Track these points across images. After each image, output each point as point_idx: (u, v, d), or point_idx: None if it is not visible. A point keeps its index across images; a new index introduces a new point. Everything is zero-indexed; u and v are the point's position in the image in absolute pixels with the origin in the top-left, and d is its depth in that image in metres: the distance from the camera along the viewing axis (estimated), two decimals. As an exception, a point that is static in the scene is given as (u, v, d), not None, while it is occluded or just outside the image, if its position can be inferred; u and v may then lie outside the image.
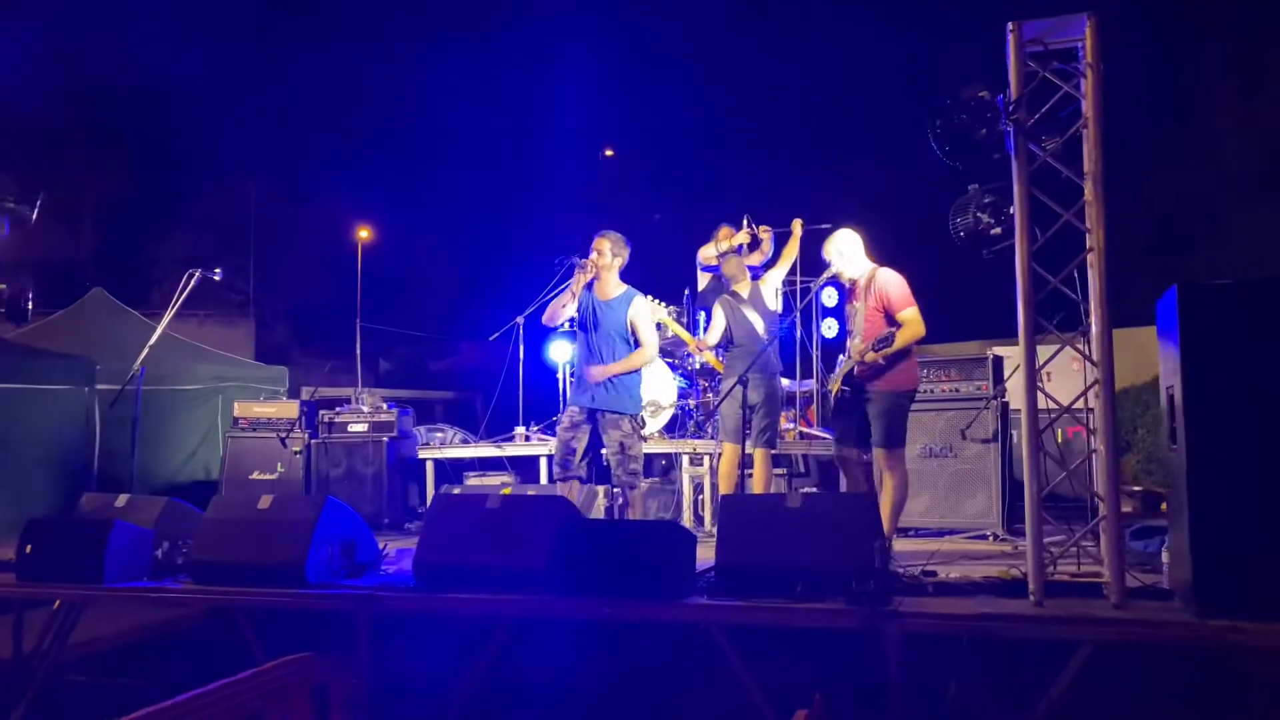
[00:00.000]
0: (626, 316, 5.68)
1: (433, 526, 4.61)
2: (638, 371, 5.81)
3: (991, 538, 6.36)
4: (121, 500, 5.45)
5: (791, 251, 7.00)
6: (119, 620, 5.41)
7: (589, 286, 5.74)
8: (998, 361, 6.59)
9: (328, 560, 4.69)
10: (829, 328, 8.91)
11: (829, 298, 8.87)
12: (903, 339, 5.35)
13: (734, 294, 6.65)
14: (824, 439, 7.37)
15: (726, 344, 6.70)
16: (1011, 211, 4.05)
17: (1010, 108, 3.90)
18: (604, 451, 5.69)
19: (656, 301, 7.28)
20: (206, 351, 11.29)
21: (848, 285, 5.76)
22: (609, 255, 5.69)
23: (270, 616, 4.59)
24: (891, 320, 5.38)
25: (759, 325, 6.55)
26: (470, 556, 4.44)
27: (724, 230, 7.69)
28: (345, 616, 4.42)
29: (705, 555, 4.49)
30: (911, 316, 5.41)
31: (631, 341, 5.70)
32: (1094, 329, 3.99)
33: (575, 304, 5.73)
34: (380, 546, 5.10)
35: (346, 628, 4.40)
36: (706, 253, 7.72)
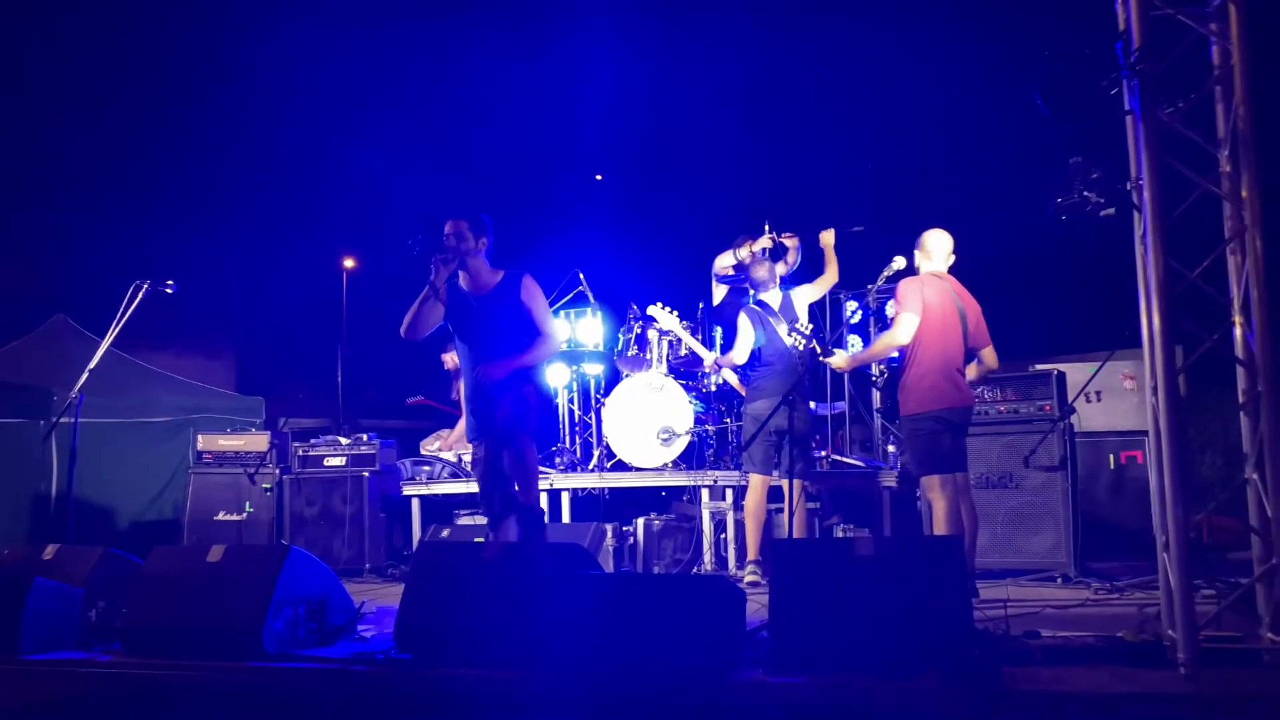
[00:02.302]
0: (519, 301, 4.56)
1: (418, 582, 3.78)
2: (543, 383, 4.75)
3: (1060, 580, 5.56)
4: (49, 551, 4.59)
5: (831, 272, 6.19)
6: (45, 689, 4.54)
7: (455, 284, 4.64)
8: (1061, 378, 5.81)
9: (290, 624, 3.86)
10: (854, 345, 8.14)
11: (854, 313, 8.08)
12: (873, 345, 5.01)
13: (762, 304, 5.89)
14: (860, 467, 6.57)
15: (752, 362, 5.93)
16: (1129, 187, 3.28)
17: (1132, 56, 3.14)
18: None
19: (666, 308, 6.49)
20: (176, 381, 10.47)
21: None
22: (472, 239, 4.56)
23: (220, 695, 3.73)
24: None
25: (789, 340, 5.78)
26: (465, 619, 3.62)
27: (743, 239, 6.97)
28: (311, 695, 3.58)
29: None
30: (897, 321, 4.88)
31: (531, 332, 4.59)
32: (1247, 329, 3.18)
33: (441, 306, 4.58)
34: (356, 605, 4.26)
35: (313, 709, 3.57)
36: (724, 261, 6.96)
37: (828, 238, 6.23)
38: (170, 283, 6.04)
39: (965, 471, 5.09)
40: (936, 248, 5.08)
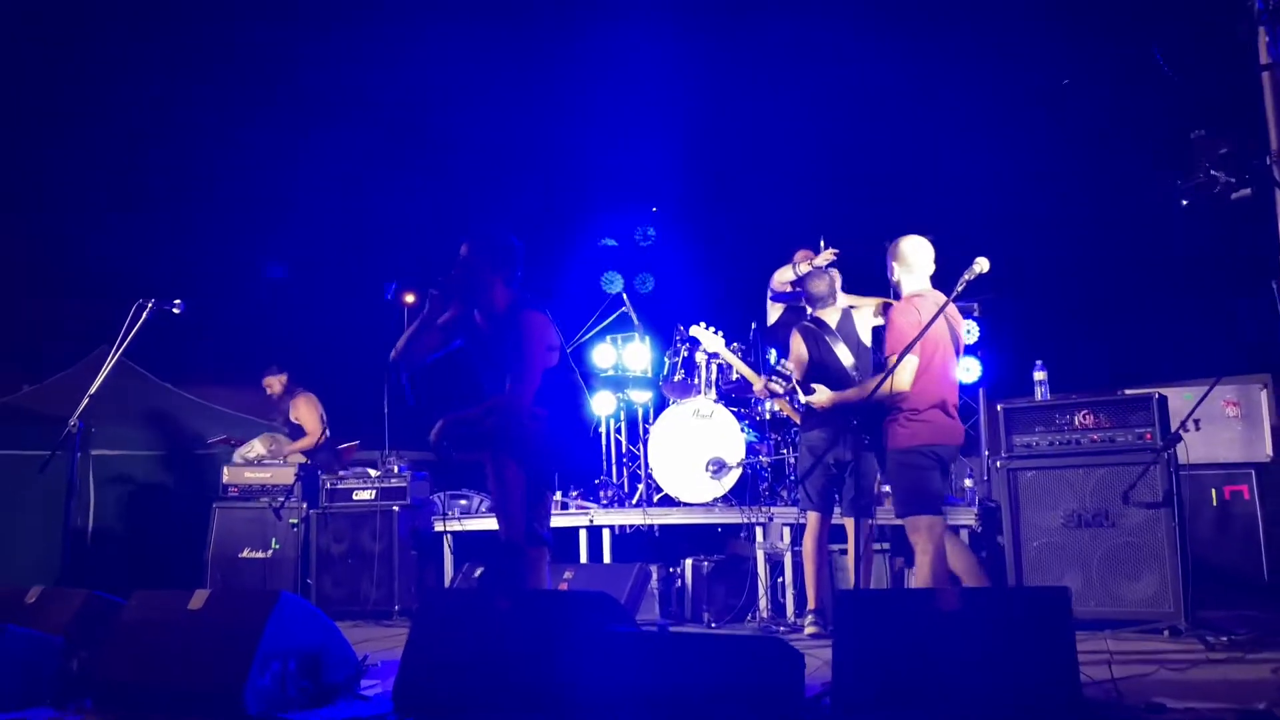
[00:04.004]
0: (517, 334, 4.06)
1: (422, 635, 3.29)
2: (563, 408, 4.19)
3: (1167, 632, 4.86)
4: (32, 594, 4.22)
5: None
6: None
7: (475, 306, 4.20)
8: (1162, 402, 5.14)
9: (279, 681, 3.37)
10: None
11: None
12: (868, 387, 4.42)
13: (818, 321, 5.33)
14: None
15: (806, 386, 5.36)
16: (1270, 160, 2.70)
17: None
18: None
19: (710, 329, 5.96)
20: (220, 412, 10.24)
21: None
22: (488, 267, 4.13)
23: (196, 764, 3.27)
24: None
25: (849, 362, 5.22)
26: (475, 679, 3.11)
27: (802, 253, 6.45)
28: (297, 766, 3.09)
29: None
30: (899, 366, 4.25)
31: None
32: None
33: (440, 334, 4.24)
34: (359, 657, 3.77)
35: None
36: (782, 277, 6.43)
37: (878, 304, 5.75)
38: (178, 302, 5.66)
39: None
40: (921, 260, 4.56)
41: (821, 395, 4.79)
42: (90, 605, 4.03)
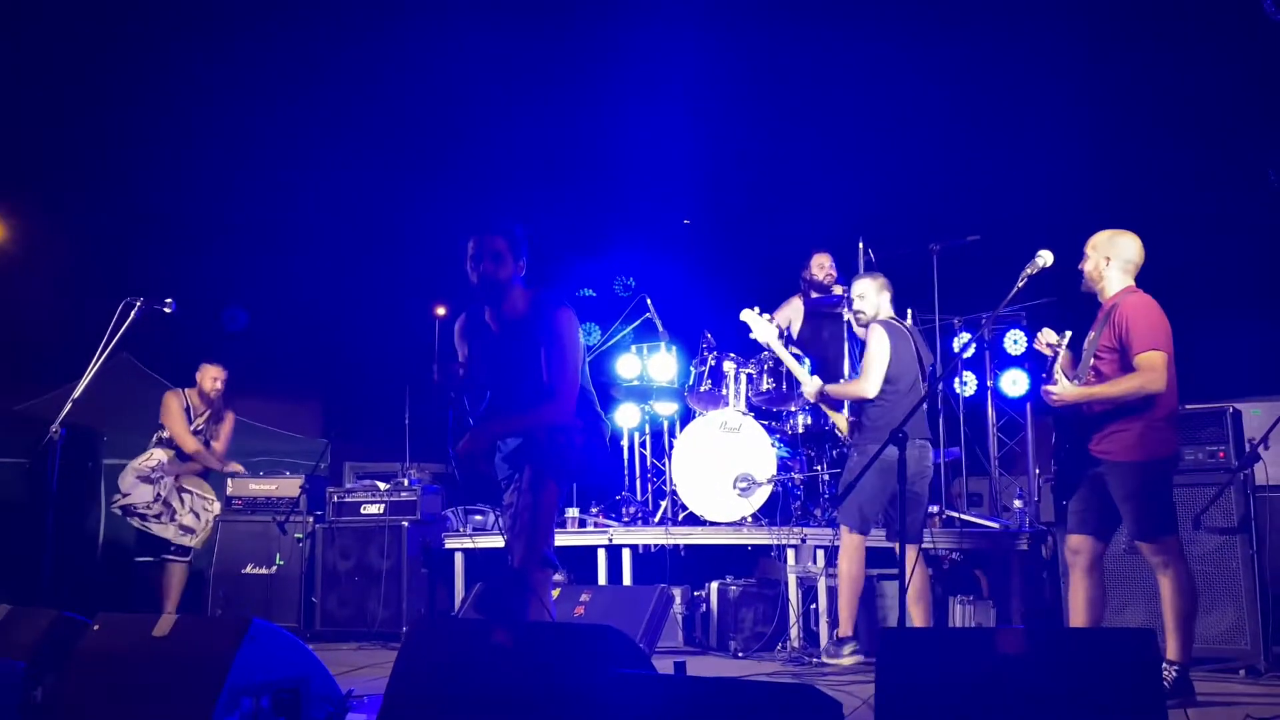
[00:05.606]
0: (550, 336, 3.62)
1: (408, 671, 2.90)
2: (593, 420, 3.77)
3: (1243, 672, 4.39)
4: (-2, 613, 3.88)
5: None
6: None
7: (489, 307, 3.75)
8: (1236, 417, 4.68)
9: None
10: (966, 384, 7.10)
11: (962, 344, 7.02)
12: (1118, 385, 3.89)
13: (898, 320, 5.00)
14: (986, 526, 5.49)
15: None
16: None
17: None
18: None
19: (765, 315, 5.49)
20: (244, 424, 9.98)
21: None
22: (510, 261, 3.65)
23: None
24: (1127, 363, 3.91)
25: (928, 360, 4.89)
26: (465, 722, 2.72)
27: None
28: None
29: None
30: (1150, 363, 3.88)
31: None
32: None
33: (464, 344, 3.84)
34: (344, 692, 3.40)
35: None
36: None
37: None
38: (169, 301, 5.32)
39: None
40: (1138, 256, 4.09)
41: (1065, 388, 3.93)
42: (58, 627, 3.67)
